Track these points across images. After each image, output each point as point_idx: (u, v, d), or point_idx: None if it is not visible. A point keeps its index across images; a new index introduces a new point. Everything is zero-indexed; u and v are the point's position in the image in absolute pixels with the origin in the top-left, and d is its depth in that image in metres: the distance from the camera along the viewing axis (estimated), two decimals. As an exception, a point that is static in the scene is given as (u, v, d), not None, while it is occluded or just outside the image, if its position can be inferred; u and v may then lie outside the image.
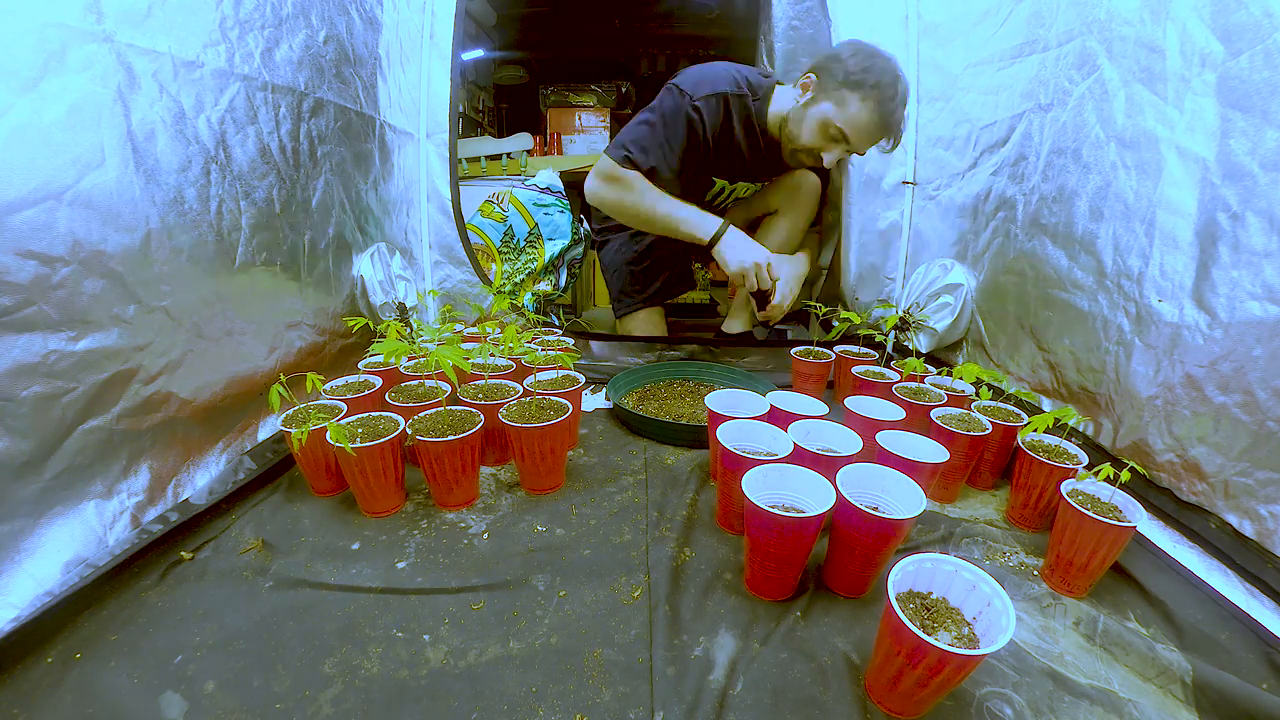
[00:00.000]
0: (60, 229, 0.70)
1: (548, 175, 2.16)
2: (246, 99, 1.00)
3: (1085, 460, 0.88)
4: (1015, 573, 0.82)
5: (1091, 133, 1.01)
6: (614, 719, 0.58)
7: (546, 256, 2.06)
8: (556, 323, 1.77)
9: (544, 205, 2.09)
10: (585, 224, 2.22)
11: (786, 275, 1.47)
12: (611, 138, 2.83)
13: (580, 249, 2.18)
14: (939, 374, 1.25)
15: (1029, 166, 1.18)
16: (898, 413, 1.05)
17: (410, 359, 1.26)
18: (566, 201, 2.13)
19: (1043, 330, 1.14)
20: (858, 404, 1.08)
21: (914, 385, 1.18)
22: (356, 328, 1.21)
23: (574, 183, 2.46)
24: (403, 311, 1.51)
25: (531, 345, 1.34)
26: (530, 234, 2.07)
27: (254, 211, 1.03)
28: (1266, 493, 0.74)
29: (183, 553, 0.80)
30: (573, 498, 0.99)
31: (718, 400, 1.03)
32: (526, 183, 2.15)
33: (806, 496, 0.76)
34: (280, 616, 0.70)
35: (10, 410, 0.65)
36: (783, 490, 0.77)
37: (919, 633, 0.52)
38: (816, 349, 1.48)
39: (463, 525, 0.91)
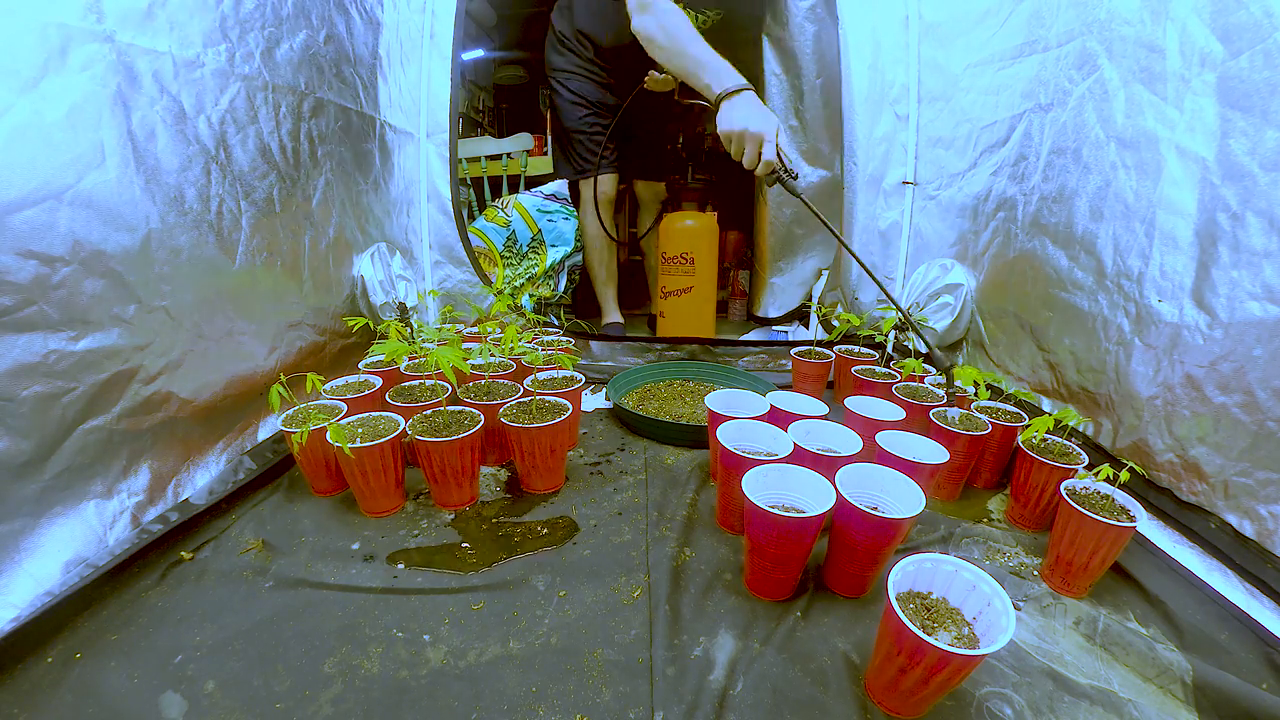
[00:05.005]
0: (60, 229, 0.70)
1: (556, 183, 2.18)
2: (247, 99, 1.00)
3: (1085, 460, 0.88)
4: (1015, 573, 0.82)
5: (1091, 133, 1.01)
6: (614, 719, 0.58)
7: (548, 262, 2.06)
8: (556, 323, 1.77)
9: (548, 211, 2.09)
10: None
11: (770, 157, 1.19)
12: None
13: (582, 256, 2.18)
14: (939, 373, 1.25)
15: (1029, 166, 1.18)
16: (898, 413, 1.05)
17: (411, 359, 1.26)
18: (572, 209, 2.13)
19: (1043, 330, 1.14)
20: (858, 404, 1.08)
21: (914, 385, 1.17)
22: (357, 328, 1.21)
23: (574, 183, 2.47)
24: (403, 311, 1.51)
25: (531, 345, 1.34)
26: (533, 240, 2.07)
27: (254, 211, 1.03)
28: (1266, 493, 0.74)
29: (183, 553, 0.80)
30: (573, 498, 0.99)
31: (718, 400, 1.03)
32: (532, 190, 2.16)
33: (806, 496, 0.76)
34: (280, 616, 0.70)
35: (10, 410, 0.65)
36: (783, 490, 0.77)
37: (919, 633, 0.52)
38: (817, 349, 1.48)
39: (463, 525, 0.91)
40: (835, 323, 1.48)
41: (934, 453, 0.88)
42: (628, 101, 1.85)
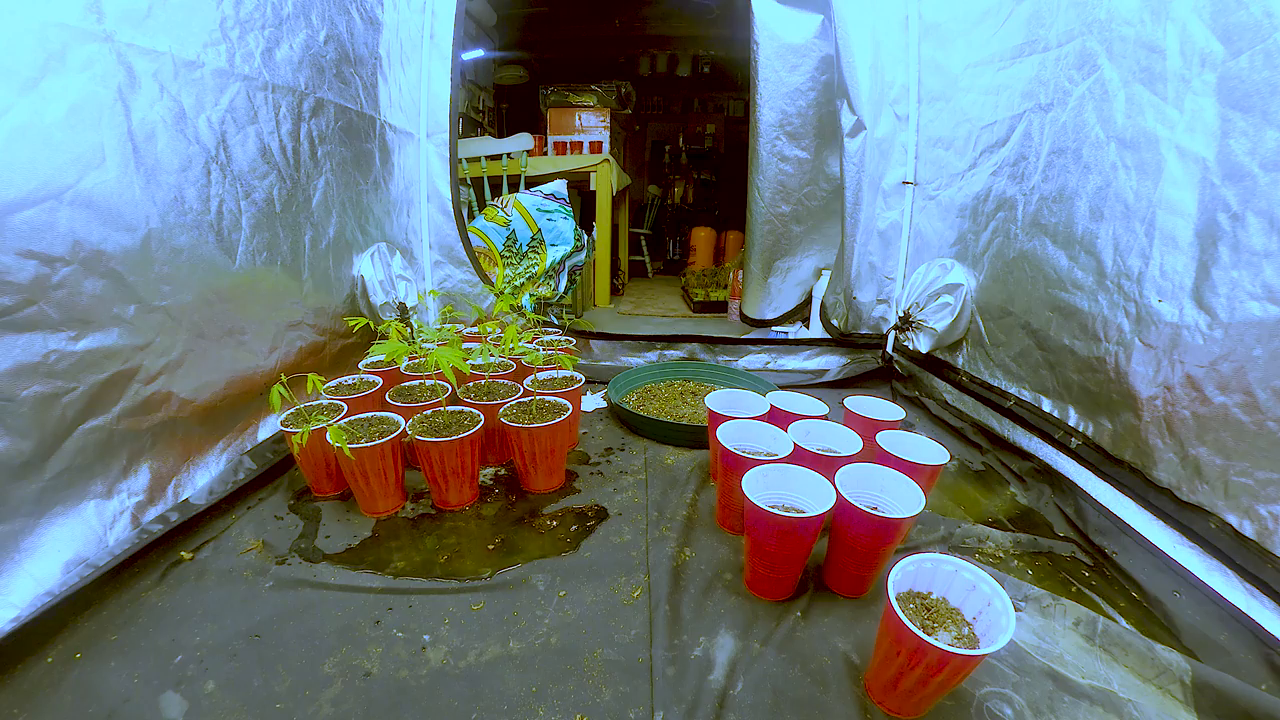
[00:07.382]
0: (61, 229, 0.70)
1: (556, 183, 2.18)
2: (247, 99, 1.00)
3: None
4: (1015, 573, 0.82)
5: (1091, 133, 1.01)
6: (614, 719, 0.58)
7: (548, 262, 2.06)
8: (557, 323, 1.77)
9: (547, 211, 2.09)
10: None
11: None
12: (612, 138, 2.85)
13: (582, 256, 2.18)
14: None
15: (1029, 166, 1.18)
16: (897, 413, 1.05)
17: (411, 359, 1.26)
18: (570, 208, 2.13)
19: (1043, 330, 1.14)
20: (858, 404, 1.08)
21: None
22: (357, 328, 1.20)
23: (575, 183, 2.47)
24: (403, 311, 1.51)
25: (531, 345, 1.34)
26: (533, 239, 2.07)
27: (254, 211, 1.03)
28: (1267, 493, 0.73)
29: (183, 553, 0.80)
30: (573, 498, 0.99)
31: (718, 400, 1.03)
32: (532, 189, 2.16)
33: (806, 496, 0.76)
34: (280, 616, 0.70)
35: (10, 410, 0.65)
36: (783, 490, 0.77)
37: (919, 633, 0.52)
38: None
39: (463, 525, 0.91)
40: (835, 322, 1.48)
41: (934, 453, 0.88)
42: None
